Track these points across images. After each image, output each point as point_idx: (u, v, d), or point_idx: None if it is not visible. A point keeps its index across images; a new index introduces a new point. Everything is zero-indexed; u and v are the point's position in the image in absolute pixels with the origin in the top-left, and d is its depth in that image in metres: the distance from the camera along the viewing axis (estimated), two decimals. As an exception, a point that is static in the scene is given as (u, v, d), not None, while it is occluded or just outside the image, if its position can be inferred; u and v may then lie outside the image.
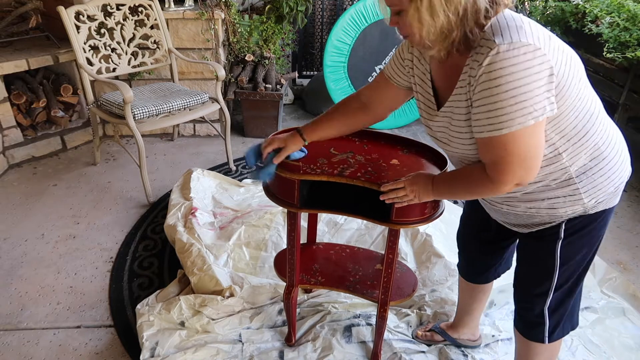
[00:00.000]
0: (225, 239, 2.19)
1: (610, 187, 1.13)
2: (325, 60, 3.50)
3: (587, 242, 1.21)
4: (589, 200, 1.13)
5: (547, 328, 1.30)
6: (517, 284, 1.35)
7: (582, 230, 1.18)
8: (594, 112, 1.08)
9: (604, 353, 1.72)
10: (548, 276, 1.24)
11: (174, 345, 1.67)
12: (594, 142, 1.09)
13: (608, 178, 1.12)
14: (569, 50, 1.03)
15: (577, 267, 1.24)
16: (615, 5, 3.11)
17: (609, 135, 1.12)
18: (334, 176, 1.33)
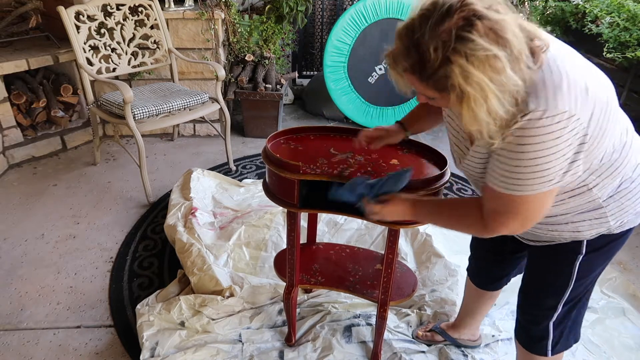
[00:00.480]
0: (225, 239, 2.19)
1: (638, 206, 1.09)
2: (325, 60, 3.50)
3: (606, 258, 1.17)
4: (615, 222, 1.09)
5: (551, 342, 1.26)
6: (525, 294, 1.29)
7: (604, 247, 1.13)
8: (626, 141, 1.03)
9: (604, 353, 1.72)
10: (561, 290, 1.18)
11: (174, 345, 1.67)
12: (624, 171, 1.04)
13: (637, 200, 1.08)
14: (604, 88, 0.95)
15: (590, 281, 1.20)
16: (615, 5, 3.11)
17: (637, 158, 1.07)
18: (334, 176, 1.33)
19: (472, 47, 0.81)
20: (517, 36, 0.84)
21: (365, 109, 3.65)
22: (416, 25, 0.86)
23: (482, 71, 0.81)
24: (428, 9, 0.86)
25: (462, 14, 0.82)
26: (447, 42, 0.82)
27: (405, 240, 2.23)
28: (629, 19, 2.95)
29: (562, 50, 0.95)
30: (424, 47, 0.84)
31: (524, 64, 0.85)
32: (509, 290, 1.97)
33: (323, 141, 1.55)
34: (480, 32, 0.81)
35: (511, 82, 0.83)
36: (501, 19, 0.83)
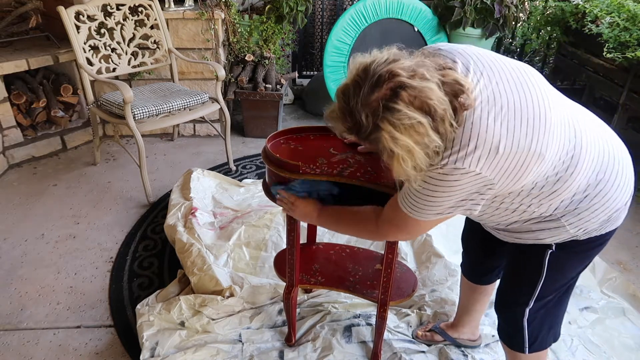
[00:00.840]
0: (225, 239, 2.19)
1: (602, 216, 1.09)
2: (325, 60, 3.50)
3: (579, 260, 1.19)
4: (576, 230, 1.11)
5: (527, 339, 1.29)
6: (499, 291, 1.35)
7: (575, 249, 1.16)
8: (567, 167, 1.03)
9: (604, 353, 1.72)
10: (531, 285, 1.22)
11: (174, 345, 1.67)
12: (572, 189, 1.06)
13: (597, 210, 1.08)
14: (530, 132, 0.97)
15: (564, 281, 1.22)
16: (615, 5, 3.11)
17: (592, 173, 1.06)
18: (334, 176, 1.33)
19: (398, 116, 0.89)
20: (440, 100, 0.91)
21: (365, 109, 3.65)
22: (351, 92, 0.96)
23: (408, 136, 0.90)
24: (360, 77, 0.95)
25: (390, 84, 0.91)
26: (377, 111, 0.91)
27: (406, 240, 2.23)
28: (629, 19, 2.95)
29: (487, 103, 0.97)
30: (357, 114, 0.94)
31: (447, 122, 0.93)
32: (509, 290, 1.97)
33: (323, 141, 1.56)
34: (406, 101, 0.90)
35: (433, 143, 0.92)
36: (425, 87, 0.90)
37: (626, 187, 1.11)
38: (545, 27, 3.83)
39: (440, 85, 0.92)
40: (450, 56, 1.04)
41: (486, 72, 1.01)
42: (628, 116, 3.14)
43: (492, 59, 1.04)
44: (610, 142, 1.12)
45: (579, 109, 1.13)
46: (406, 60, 0.96)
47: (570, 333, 1.80)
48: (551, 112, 1.00)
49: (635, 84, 2.95)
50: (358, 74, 0.96)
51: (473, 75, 1.00)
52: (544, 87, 1.04)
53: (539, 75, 1.06)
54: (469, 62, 1.02)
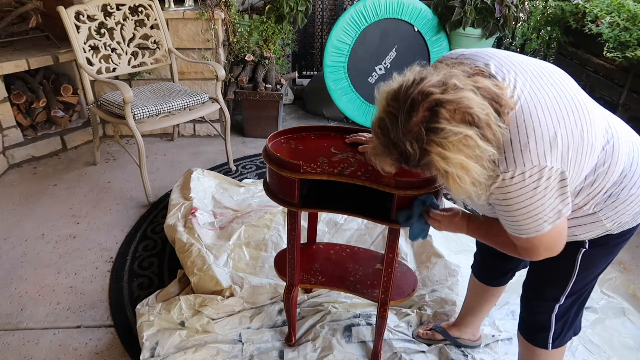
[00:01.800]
0: (225, 239, 2.19)
1: (636, 208, 1.10)
2: (325, 60, 3.50)
3: (608, 254, 1.21)
4: (611, 224, 1.12)
5: (552, 334, 1.28)
6: (529, 286, 1.32)
7: (606, 244, 1.17)
8: (606, 155, 1.04)
9: (604, 353, 1.72)
10: (563, 282, 1.22)
11: (174, 345, 1.67)
12: (608, 183, 1.07)
13: (632, 202, 1.09)
14: (577, 122, 0.97)
15: (593, 276, 1.23)
16: (615, 5, 3.11)
17: (627, 163, 1.08)
18: (334, 175, 1.33)
19: (444, 135, 0.87)
20: (480, 106, 0.88)
21: (365, 109, 3.65)
22: (388, 124, 0.92)
23: (458, 152, 0.87)
24: (393, 106, 0.92)
25: (426, 105, 0.88)
26: (420, 135, 0.88)
27: (405, 240, 2.22)
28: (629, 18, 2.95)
29: (531, 99, 0.97)
30: (401, 144, 0.91)
31: (494, 126, 0.90)
32: (509, 290, 1.97)
33: (323, 141, 1.55)
34: (447, 117, 0.87)
35: (486, 153, 0.89)
36: (462, 97, 0.87)
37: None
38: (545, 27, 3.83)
39: (475, 91, 0.90)
40: (480, 60, 1.03)
41: (519, 71, 1.00)
42: (628, 116, 3.14)
43: (520, 59, 1.05)
44: (634, 135, 1.15)
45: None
46: (433, 76, 0.91)
47: (570, 333, 1.80)
48: (588, 104, 1.01)
49: (635, 84, 2.95)
50: (389, 104, 0.93)
51: (508, 75, 0.99)
52: (574, 83, 1.05)
53: (565, 74, 1.07)
54: (500, 64, 1.01)
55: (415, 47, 3.59)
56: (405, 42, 3.57)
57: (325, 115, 3.86)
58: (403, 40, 3.56)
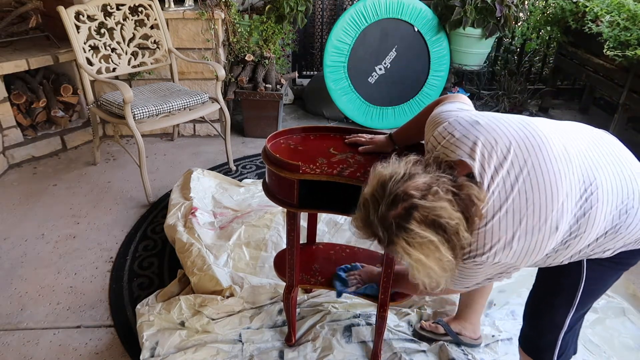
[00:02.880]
0: (225, 238, 2.19)
1: (633, 238, 1.10)
2: (325, 60, 3.50)
3: (619, 267, 1.19)
4: (605, 253, 1.13)
5: (557, 352, 1.27)
6: (532, 303, 1.31)
7: (613, 258, 1.15)
8: (583, 215, 1.06)
9: (604, 353, 1.72)
10: (570, 296, 1.20)
11: (174, 345, 1.67)
12: (592, 235, 1.08)
13: (623, 238, 1.10)
14: (551, 213, 1.02)
15: (599, 292, 1.24)
16: (615, 4, 3.11)
17: (616, 209, 1.07)
18: (334, 176, 1.33)
19: (411, 235, 0.97)
20: (451, 217, 0.97)
21: (365, 109, 3.65)
22: (370, 207, 1.03)
23: (420, 251, 0.97)
24: (379, 193, 1.02)
25: (404, 204, 0.97)
26: (391, 228, 0.99)
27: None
28: (629, 18, 2.95)
29: (498, 198, 1.03)
30: (375, 228, 1.02)
31: (462, 234, 0.99)
32: (509, 290, 1.98)
33: (323, 141, 1.56)
34: (418, 220, 0.96)
35: (445, 257, 0.98)
36: (437, 206, 0.96)
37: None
38: (545, 26, 3.83)
39: (453, 202, 0.98)
40: (469, 142, 1.06)
41: (504, 160, 1.03)
42: (628, 116, 3.14)
43: (512, 130, 1.07)
44: (628, 174, 1.11)
45: (597, 141, 1.16)
46: (421, 177, 1.00)
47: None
48: (564, 177, 1.03)
49: (635, 84, 2.95)
50: (376, 190, 1.03)
51: (488, 168, 1.03)
52: (558, 145, 1.05)
53: (552, 136, 1.07)
54: (484, 150, 1.04)
55: (415, 47, 3.58)
56: (405, 42, 3.57)
57: (325, 115, 3.86)
58: (403, 40, 3.56)
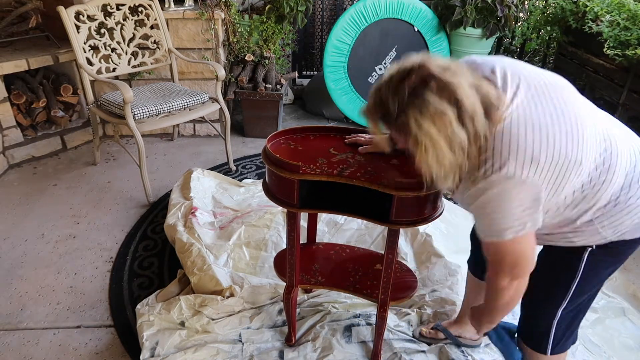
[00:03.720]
0: (225, 238, 2.19)
1: (636, 219, 1.10)
2: (325, 60, 3.50)
3: (614, 259, 1.19)
4: (608, 233, 1.12)
5: (552, 341, 1.29)
6: (531, 290, 1.29)
7: (611, 250, 1.16)
8: (600, 172, 1.05)
9: (604, 353, 1.72)
10: (565, 286, 1.21)
11: (174, 345, 1.67)
12: (606, 196, 1.07)
13: (631, 212, 1.09)
14: (565, 140, 1.00)
15: (598, 282, 1.23)
16: (616, 4, 3.11)
17: (623, 179, 1.08)
18: (334, 176, 1.33)
19: (424, 103, 0.93)
20: (469, 97, 0.93)
21: (365, 109, 3.65)
22: (383, 85, 1.00)
23: (432, 124, 0.93)
24: (393, 72, 0.99)
25: (419, 73, 0.94)
26: (404, 97, 0.95)
27: (405, 241, 2.23)
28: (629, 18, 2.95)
29: (524, 114, 1.00)
30: (386, 102, 0.98)
31: (479, 123, 0.95)
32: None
33: (323, 141, 1.55)
34: (433, 90, 0.92)
35: (457, 137, 0.93)
36: (455, 81, 0.93)
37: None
38: (545, 26, 3.83)
39: (473, 87, 0.95)
40: (487, 66, 1.06)
41: (522, 83, 1.03)
42: (628, 116, 3.14)
43: (528, 70, 1.07)
44: (636, 143, 1.14)
45: (609, 118, 1.16)
46: (441, 60, 0.97)
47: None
48: (585, 121, 1.03)
49: (635, 84, 2.94)
50: (392, 72, 1.00)
51: (510, 87, 1.02)
52: (577, 99, 1.08)
53: (570, 87, 1.10)
54: (505, 73, 1.04)
55: (415, 47, 3.58)
56: (405, 42, 3.57)
57: (325, 115, 3.86)
58: (403, 40, 3.56)
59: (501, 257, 1.08)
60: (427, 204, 1.32)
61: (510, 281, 1.10)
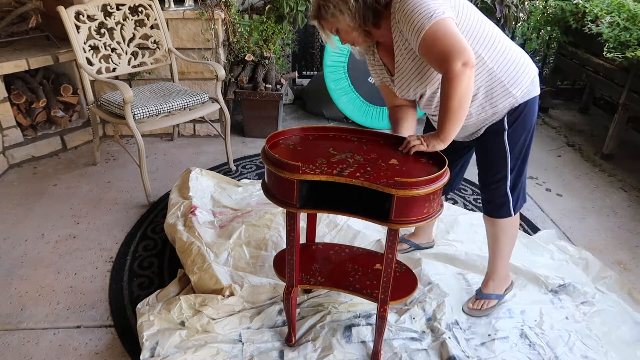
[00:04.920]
0: (225, 237, 2.19)
1: (527, 80, 1.53)
2: (325, 60, 3.50)
3: (523, 127, 1.59)
4: (517, 91, 1.52)
5: (511, 203, 1.69)
6: (482, 175, 1.72)
7: (518, 119, 1.56)
8: (493, 34, 1.50)
9: (601, 348, 1.73)
10: (504, 161, 1.62)
11: (174, 345, 1.67)
12: (503, 48, 1.50)
13: (525, 68, 1.53)
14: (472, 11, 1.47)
15: (521, 149, 1.62)
16: (616, 5, 3.11)
17: (512, 48, 1.54)
18: (333, 176, 1.33)
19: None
20: None
21: (365, 109, 3.65)
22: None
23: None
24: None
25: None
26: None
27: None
28: (629, 18, 2.95)
29: None
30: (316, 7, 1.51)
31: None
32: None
33: (322, 141, 1.56)
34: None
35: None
36: None
37: (530, 65, 1.56)
38: (545, 26, 3.83)
39: None
40: None
41: None
42: (628, 116, 3.15)
43: None
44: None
45: None
46: None
47: (567, 328, 1.80)
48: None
49: (635, 84, 2.95)
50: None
51: None
52: None
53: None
54: None
55: (415, 47, 3.58)
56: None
57: (325, 115, 3.86)
58: (403, 40, 3.56)
59: (439, 42, 1.33)
60: (426, 203, 1.32)
61: (462, 66, 1.30)
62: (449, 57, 1.31)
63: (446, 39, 1.32)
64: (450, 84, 1.34)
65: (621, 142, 3.29)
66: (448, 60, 1.31)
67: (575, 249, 2.27)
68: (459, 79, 1.32)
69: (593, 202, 2.78)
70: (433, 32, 1.32)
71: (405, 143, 1.49)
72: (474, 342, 1.75)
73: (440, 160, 1.43)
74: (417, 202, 1.30)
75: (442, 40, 1.32)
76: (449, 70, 1.32)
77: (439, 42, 1.33)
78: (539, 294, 1.97)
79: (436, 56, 1.35)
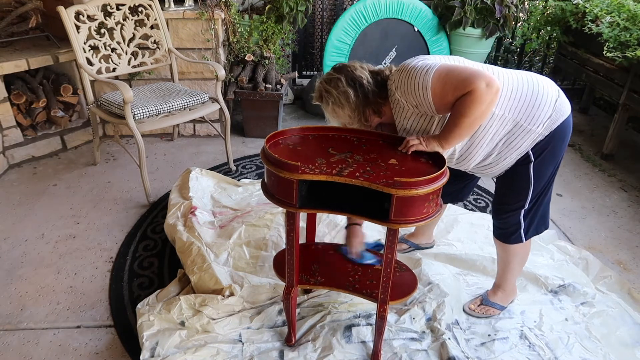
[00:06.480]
0: (225, 237, 2.19)
1: (546, 110, 1.46)
2: (325, 60, 3.50)
3: (552, 157, 1.52)
4: (538, 127, 1.46)
5: (523, 230, 1.64)
6: (498, 204, 1.68)
7: (545, 150, 1.50)
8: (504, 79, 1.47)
9: (600, 350, 1.73)
10: (525, 192, 1.57)
11: (174, 345, 1.67)
12: (510, 90, 1.46)
13: (540, 106, 1.46)
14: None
15: (546, 180, 1.57)
16: (615, 5, 3.11)
17: (520, 84, 1.49)
18: (333, 176, 1.33)
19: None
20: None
21: (365, 109, 3.65)
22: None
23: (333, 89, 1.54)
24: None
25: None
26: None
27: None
28: (629, 18, 2.95)
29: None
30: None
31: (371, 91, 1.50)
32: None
33: (322, 141, 1.56)
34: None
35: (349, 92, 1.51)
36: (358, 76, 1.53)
37: (548, 92, 1.48)
38: (545, 27, 3.83)
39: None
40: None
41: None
42: (628, 116, 3.14)
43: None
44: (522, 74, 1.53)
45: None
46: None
47: (566, 330, 1.80)
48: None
49: (635, 84, 2.94)
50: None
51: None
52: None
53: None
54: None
55: (415, 47, 3.58)
56: (405, 42, 3.57)
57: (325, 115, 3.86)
58: (403, 40, 3.56)
59: (448, 81, 1.34)
60: (426, 203, 1.32)
61: (487, 87, 1.30)
62: (468, 82, 1.31)
63: (454, 74, 1.33)
64: (472, 102, 1.32)
65: (621, 142, 3.29)
66: (468, 84, 1.31)
67: (575, 249, 2.27)
68: (482, 99, 1.31)
69: (593, 202, 2.78)
70: (437, 80, 1.34)
71: (405, 143, 1.48)
72: (474, 342, 1.75)
73: (440, 160, 1.43)
74: (416, 202, 1.30)
75: (451, 77, 1.34)
76: (474, 89, 1.31)
77: (448, 81, 1.34)
78: (538, 294, 1.97)
79: (454, 92, 1.34)
